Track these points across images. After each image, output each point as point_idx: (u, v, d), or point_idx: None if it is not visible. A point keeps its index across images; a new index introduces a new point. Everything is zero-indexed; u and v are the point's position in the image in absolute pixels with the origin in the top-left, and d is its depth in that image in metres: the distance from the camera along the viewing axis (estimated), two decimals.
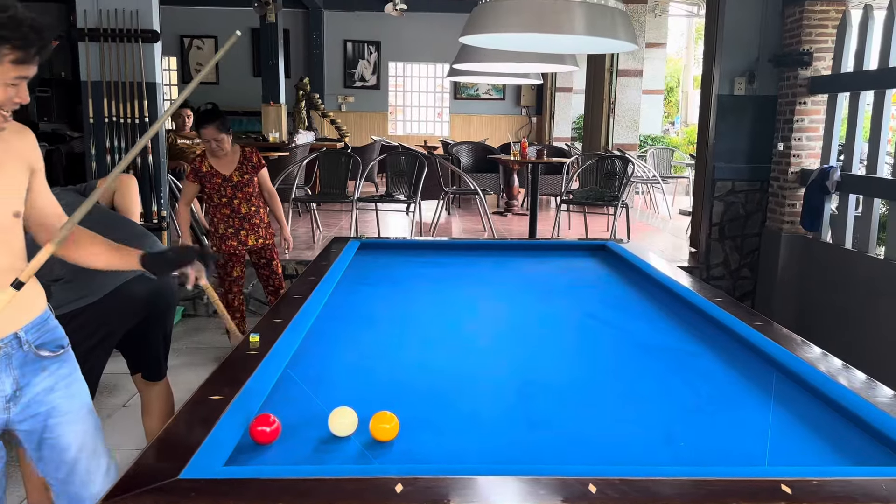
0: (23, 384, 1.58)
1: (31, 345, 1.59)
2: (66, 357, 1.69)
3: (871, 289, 4.17)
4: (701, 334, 2.15)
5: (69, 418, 1.65)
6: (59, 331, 1.70)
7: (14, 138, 1.56)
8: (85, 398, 1.72)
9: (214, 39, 13.61)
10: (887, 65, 4.18)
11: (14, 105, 1.45)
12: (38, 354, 1.60)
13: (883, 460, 1.36)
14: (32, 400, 1.60)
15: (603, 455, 1.36)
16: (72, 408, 1.66)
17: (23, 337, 1.58)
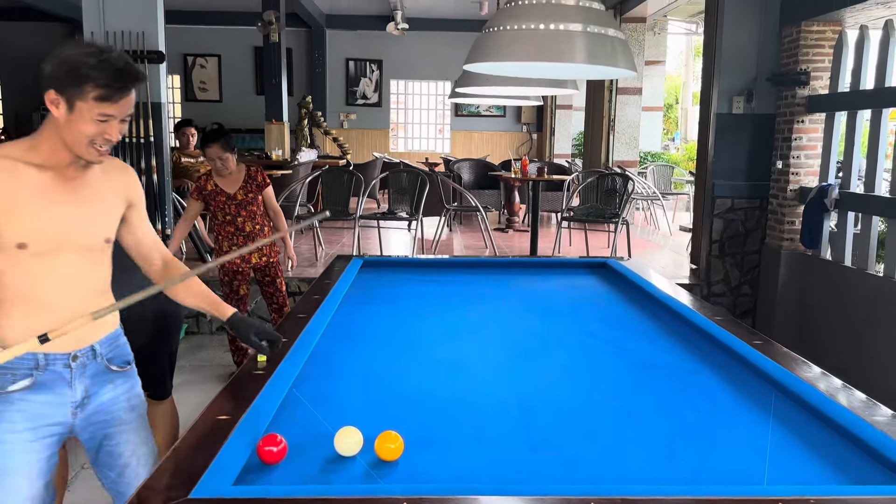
0: (91, 393, 1.73)
1: (104, 357, 1.75)
2: (130, 373, 1.85)
3: (871, 306, 4.19)
4: (701, 353, 2.17)
5: (126, 429, 1.80)
6: (127, 348, 1.87)
7: (116, 173, 1.76)
8: (141, 410, 1.88)
9: (218, 58, 13.73)
10: (883, 84, 4.23)
11: (105, 141, 1.59)
12: (108, 367, 1.76)
13: (881, 480, 1.38)
14: (97, 409, 1.75)
15: (604, 474, 1.39)
16: (130, 419, 1.81)
17: (98, 350, 1.73)
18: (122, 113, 1.58)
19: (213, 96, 13.82)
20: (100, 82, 1.52)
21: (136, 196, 1.81)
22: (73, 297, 1.64)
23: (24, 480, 1.62)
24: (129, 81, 1.56)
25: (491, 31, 1.92)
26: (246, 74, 13.72)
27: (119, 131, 1.60)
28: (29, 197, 1.58)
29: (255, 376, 1.76)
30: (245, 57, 13.69)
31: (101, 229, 1.71)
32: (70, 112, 1.54)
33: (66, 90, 1.53)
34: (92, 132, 1.56)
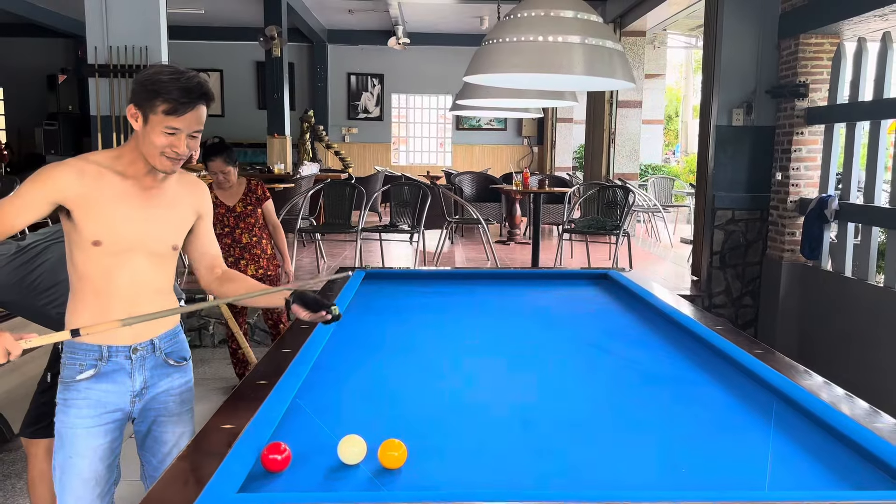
0: (150, 384, 1.89)
1: (163, 352, 1.91)
2: (186, 368, 2.01)
3: (872, 316, 4.20)
4: (702, 362, 2.18)
5: (174, 420, 1.96)
6: (185, 344, 2.02)
7: (190, 187, 1.94)
8: (191, 404, 2.03)
9: (220, 73, 13.83)
10: (882, 96, 4.26)
11: (174, 153, 1.74)
12: (166, 361, 1.93)
13: (882, 486, 1.39)
14: (153, 399, 1.91)
15: (606, 481, 1.39)
16: (180, 411, 1.97)
17: (157, 344, 1.90)
18: (189, 128, 1.73)
19: (216, 111, 13.88)
20: (168, 97, 1.68)
21: (206, 209, 1.98)
22: (139, 294, 1.82)
23: (86, 462, 1.79)
24: (194, 98, 1.71)
25: (491, 44, 1.95)
26: (248, 89, 13.81)
27: (187, 145, 1.75)
28: (109, 200, 1.76)
29: (258, 386, 1.78)
30: (247, 71, 13.79)
31: (170, 236, 1.88)
32: (145, 124, 1.72)
33: (141, 104, 1.71)
34: (162, 143, 1.72)
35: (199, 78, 1.75)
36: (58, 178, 1.72)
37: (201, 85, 1.74)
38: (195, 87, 1.72)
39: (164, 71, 1.72)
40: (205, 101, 1.75)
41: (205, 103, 1.75)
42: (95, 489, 1.81)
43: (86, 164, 1.76)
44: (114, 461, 1.87)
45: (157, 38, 5.76)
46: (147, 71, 1.75)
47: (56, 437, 1.82)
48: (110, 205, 1.76)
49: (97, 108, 5.81)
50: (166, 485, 1.28)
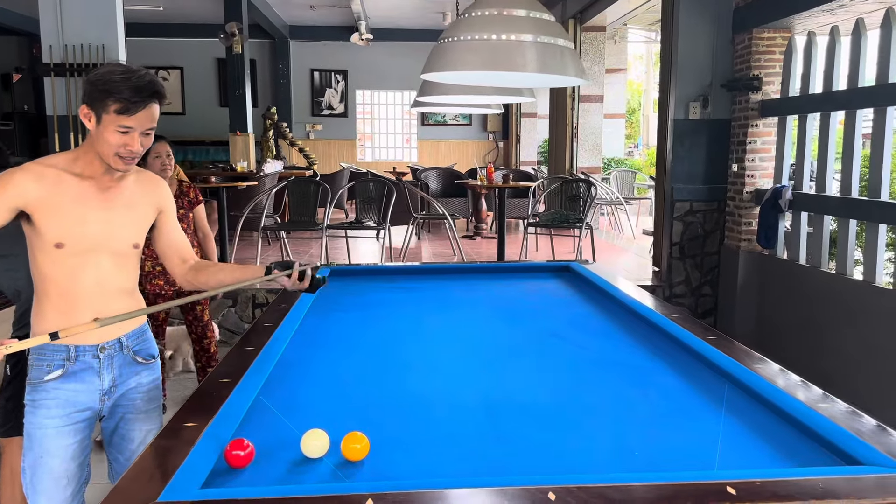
0: (118, 382, 1.92)
1: (130, 350, 1.94)
2: (154, 366, 2.03)
3: (825, 302, 4.34)
4: (658, 350, 2.24)
5: (142, 417, 1.98)
6: (153, 342, 2.04)
7: (149, 185, 1.97)
8: (158, 402, 2.04)
9: (180, 70, 13.62)
10: (831, 88, 4.40)
11: (128, 152, 1.76)
12: (134, 359, 1.95)
13: (824, 462, 1.46)
14: (122, 396, 1.94)
15: (564, 465, 1.44)
16: (147, 409, 1.99)
17: (124, 342, 1.92)
18: (142, 126, 1.75)
19: (177, 109, 13.69)
20: (119, 97, 1.70)
21: (166, 204, 2.00)
22: (104, 294, 1.84)
23: (58, 461, 1.82)
24: (145, 97, 1.73)
25: (446, 42, 1.98)
26: (209, 86, 13.63)
27: (141, 143, 1.78)
28: (69, 202, 1.78)
29: (221, 385, 1.79)
30: (208, 69, 13.60)
31: (131, 235, 1.90)
32: (98, 124, 1.74)
33: (93, 104, 1.73)
34: (115, 142, 1.74)
35: (150, 76, 1.77)
36: (17, 184, 1.73)
37: (153, 83, 1.76)
38: (146, 85, 1.74)
39: (115, 70, 1.74)
40: (157, 100, 1.77)
41: (157, 101, 1.78)
42: (67, 488, 1.83)
43: (44, 169, 1.77)
44: (84, 459, 1.90)
45: (114, 35, 5.66)
46: (98, 71, 1.76)
47: (25, 437, 1.83)
48: (71, 207, 1.78)
49: (53, 107, 5.70)
50: (130, 481, 1.29)
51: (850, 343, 4.09)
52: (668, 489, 1.24)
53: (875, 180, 4.00)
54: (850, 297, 4.12)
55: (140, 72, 1.76)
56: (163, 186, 2.02)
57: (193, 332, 3.86)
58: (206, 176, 6.52)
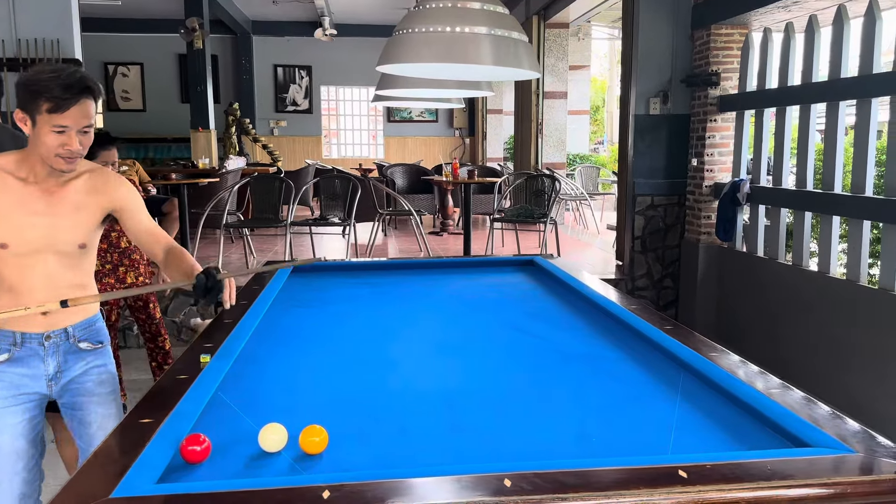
0: (63, 368, 1.99)
1: (76, 339, 2.00)
2: (102, 351, 2.08)
3: (781, 292, 4.45)
4: (617, 340, 2.28)
5: (95, 401, 2.04)
6: (103, 331, 2.10)
7: (100, 185, 1.94)
8: (112, 386, 2.09)
9: (140, 66, 13.37)
10: (786, 83, 4.50)
11: (68, 151, 1.76)
12: (78, 347, 2.01)
13: (775, 446, 1.50)
14: (70, 381, 2.01)
15: (522, 452, 1.45)
16: (99, 392, 2.05)
17: (70, 332, 1.98)
18: (77, 124, 1.75)
19: (137, 105, 13.44)
20: (49, 96, 1.70)
21: (121, 201, 1.98)
22: (54, 290, 1.89)
23: (6, 438, 1.90)
24: (76, 93, 1.73)
25: (401, 34, 1.98)
26: (170, 82, 13.40)
27: (79, 142, 1.77)
28: (12, 206, 1.81)
29: (178, 381, 1.76)
30: (169, 64, 13.37)
31: (76, 237, 1.91)
32: (34, 126, 1.75)
33: (26, 107, 1.74)
34: (53, 143, 1.75)
35: (80, 73, 1.77)
36: None
37: (83, 79, 1.76)
38: (76, 82, 1.73)
39: (43, 70, 1.74)
40: (88, 95, 1.77)
41: (89, 97, 1.77)
42: (18, 463, 1.91)
43: None
44: (35, 437, 1.98)
45: (69, 30, 5.54)
46: (27, 73, 1.76)
47: None
48: (13, 211, 1.81)
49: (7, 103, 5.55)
50: (82, 477, 1.27)
51: (806, 332, 4.20)
52: (622, 473, 1.26)
53: (829, 174, 4.11)
54: (805, 288, 4.23)
55: (69, 69, 1.76)
56: (116, 184, 1.99)
57: (147, 332, 3.79)
58: (167, 173, 6.42)
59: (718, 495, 1.21)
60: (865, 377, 3.71)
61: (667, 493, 1.20)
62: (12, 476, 1.90)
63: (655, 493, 1.20)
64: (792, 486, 1.23)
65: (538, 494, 1.19)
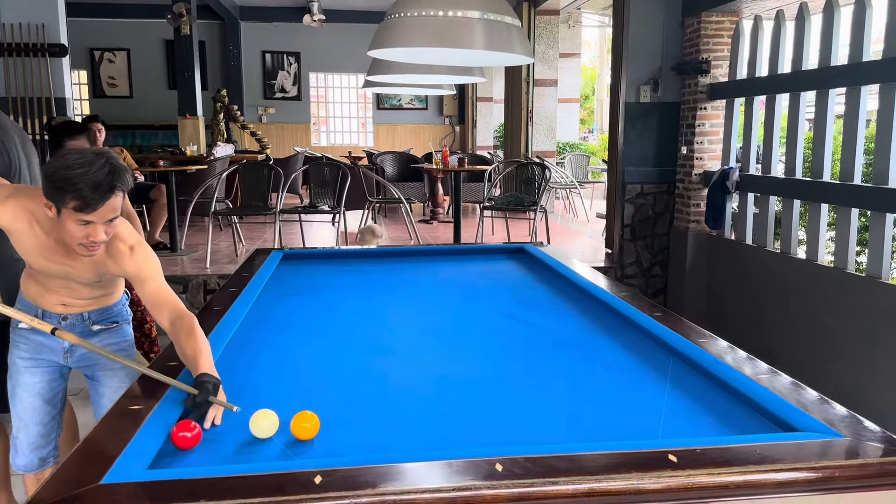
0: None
1: (91, 322, 2.16)
2: (117, 330, 2.23)
3: (769, 280, 4.48)
4: (607, 327, 2.29)
5: (109, 374, 2.19)
6: (121, 313, 2.25)
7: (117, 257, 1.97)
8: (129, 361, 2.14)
9: (126, 52, 13.22)
10: (777, 71, 4.51)
11: (90, 242, 1.79)
12: (91, 329, 2.16)
13: (764, 430, 1.51)
14: (84, 355, 2.16)
15: (513, 437, 1.46)
16: (112, 367, 2.18)
17: (86, 316, 2.15)
18: (103, 218, 1.76)
19: (123, 92, 13.30)
20: (76, 195, 1.70)
21: (133, 271, 1.98)
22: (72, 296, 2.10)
23: (26, 393, 2.13)
24: (105, 193, 1.72)
25: (393, 18, 1.97)
26: (157, 69, 13.26)
27: (105, 232, 1.80)
28: (32, 248, 1.93)
29: (168, 367, 1.75)
30: (156, 51, 13.23)
31: (90, 278, 2.03)
32: (58, 216, 1.76)
33: (52, 198, 1.74)
34: (78, 235, 1.77)
35: (110, 165, 1.72)
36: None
37: (112, 176, 1.72)
38: (104, 180, 1.70)
39: (72, 165, 1.70)
40: (117, 192, 1.74)
41: (118, 193, 1.75)
42: (35, 416, 2.13)
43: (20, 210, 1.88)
44: (54, 398, 2.17)
45: (55, 14, 5.46)
46: (54, 163, 1.73)
47: (11, 364, 2.16)
48: (33, 253, 1.95)
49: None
50: (73, 463, 1.26)
51: (794, 319, 4.23)
52: (613, 457, 1.27)
53: (818, 162, 4.13)
54: (793, 276, 4.26)
55: (98, 162, 1.71)
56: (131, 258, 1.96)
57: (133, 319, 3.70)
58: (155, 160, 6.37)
59: (708, 479, 1.22)
60: (853, 364, 3.75)
61: (657, 477, 1.21)
62: (30, 426, 2.13)
63: (646, 477, 1.21)
64: (781, 469, 1.25)
65: (529, 478, 1.20)
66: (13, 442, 2.18)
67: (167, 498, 1.13)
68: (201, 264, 5.54)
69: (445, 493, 1.16)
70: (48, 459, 2.18)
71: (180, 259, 5.81)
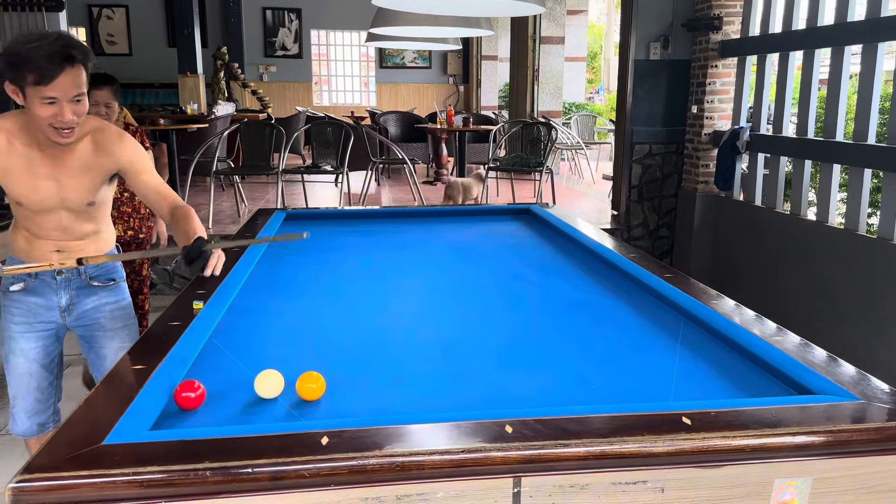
0: (76, 301, 2.10)
1: (88, 276, 2.09)
2: (115, 288, 2.18)
3: (779, 241, 4.43)
4: (617, 288, 2.25)
5: (109, 335, 2.15)
6: (117, 269, 2.19)
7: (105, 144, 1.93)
8: (127, 322, 2.19)
9: (125, 8, 12.97)
10: (791, 28, 4.38)
11: (61, 122, 1.74)
12: (90, 283, 2.10)
13: (777, 393, 1.48)
14: (83, 314, 2.12)
15: (523, 400, 1.43)
16: (113, 327, 2.16)
17: (82, 270, 2.07)
18: (66, 94, 1.71)
19: (123, 49, 13.10)
20: (32, 67, 1.66)
21: (125, 163, 1.96)
22: (67, 237, 2.01)
23: (21, 360, 2.07)
24: (61, 62, 1.67)
25: None
26: (156, 25, 13.03)
27: (72, 112, 1.74)
28: (19, 169, 1.85)
29: (171, 328, 1.73)
30: (155, 7, 12.98)
31: (84, 197, 1.95)
32: (25, 98, 1.72)
33: (14, 80, 1.70)
34: (44, 115, 1.72)
35: (63, 39, 1.72)
36: None
37: (66, 46, 1.70)
38: (58, 51, 1.68)
39: (25, 41, 1.69)
40: (75, 62, 1.71)
41: (76, 64, 1.71)
42: (31, 382, 2.08)
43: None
44: (50, 363, 2.12)
45: None
46: (8, 44, 1.72)
47: (4, 331, 2.10)
48: (21, 175, 1.85)
49: None
50: (75, 423, 1.24)
51: (803, 281, 4.19)
52: (624, 420, 1.24)
53: (830, 121, 4.04)
54: (803, 237, 4.21)
55: (51, 37, 1.70)
56: (119, 145, 1.96)
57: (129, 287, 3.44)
58: (155, 119, 6.28)
59: (723, 442, 1.19)
60: (862, 326, 3.72)
61: (670, 439, 1.18)
62: (26, 394, 2.08)
63: (658, 440, 1.18)
64: (798, 433, 1.22)
65: (540, 440, 1.17)
66: (11, 409, 2.13)
67: (170, 459, 1.11)
68: (204, 224, 5.49)
69: (454, 454, 1.14)
70: (47, 425, 2.15)
71: None
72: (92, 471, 1.08)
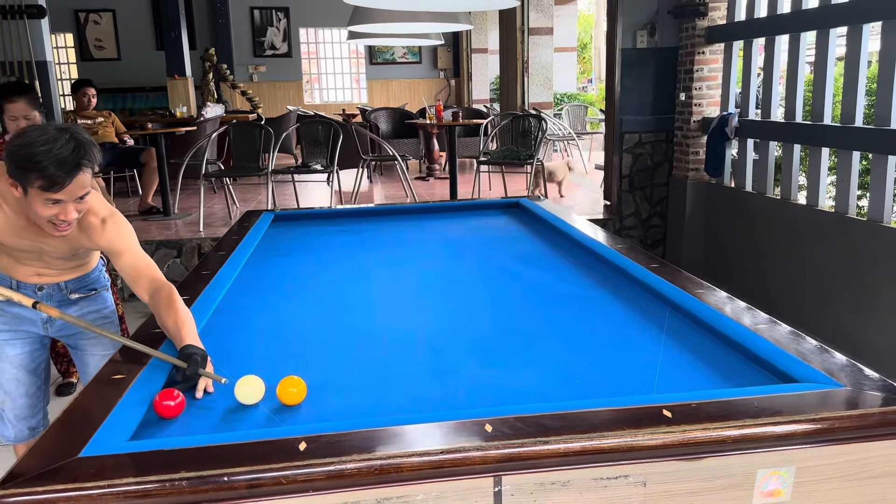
0: None
1: (69, 290, 2.11)
2: (95, 297, 2.19)
3: (770, 226, 4.42)
4: (604, 280, 2.24)
5: (92, 342, 2.16)
6: (98, 280, 2.20)
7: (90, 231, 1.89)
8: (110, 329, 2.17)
9: (112, 13, 12.91)
10: (776, 11, 4.37)
11: (61, 222, 1.72)
12: (69, 298, 2.12)
13: (762, 382, 1.47)
14: (64, 325, 2.12)
15: (506, 397, 1.42)
16: (94, 335, 2.13)
17: (63, 286, 2.10)
18: (71, 196, 1.68)
19: (111, 54, 13.05)
20: (41, 174, 1.62)
21: (105, 245, 1.91)
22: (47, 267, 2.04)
23: (8, 365, 2.10)
24: (71, 170, 1.63)
25: None
26: (144, 29, 12.97)
27: (75, 210, 1.72)
28: (2, 227, 1.85)
29: (152, 335, 1.72)
30: (142, 10, 12.92)
31: (64, 254, 1.99)
32: (25, 196, 1.68)
33: (17, 178, 1.67)
34: (46, 214, 1.70)
35: (75, 141, 1.65)
36: None
37: (78, 152, 1.65)
38: (70, 157, 1.63)
39: (34, 142, 1.62)
40: (84, 168, 1.67)
41: (85, 170, 1.67)
42: (19, 388, 2.11)
43: None
44: (37, 368, 2.16)
45: None
46: (17, 142, 1.64)
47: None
48: (4, 232, 1.86)
49: None
50: (51, 436, 1.23)
51: (795, 265, 4.19)
52: (605, 414, 1.24)
53: (818, 104, 4.03)
54: (794, 222, 4.20)
55: (62, 139, 1.63)
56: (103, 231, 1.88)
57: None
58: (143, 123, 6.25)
59: (704, 434, 1.18)
60: (853, 309, 3.72)
61: (651, 433, 1.18)
62: (14, 398, 2.11)
63: (639, 434, 1.18)
64: (779, 422, 1.21)
65: (520, 438, 1.16)
66: (1, 415, 2.15)
67: (147, 470, 1.10)
68: (195, 228, 5.48)
69: (433, 455, 1.13)
70: (38, 429, 2.18)
71: (174, 223, 5.75)
72: (67, 484, 1.07)
